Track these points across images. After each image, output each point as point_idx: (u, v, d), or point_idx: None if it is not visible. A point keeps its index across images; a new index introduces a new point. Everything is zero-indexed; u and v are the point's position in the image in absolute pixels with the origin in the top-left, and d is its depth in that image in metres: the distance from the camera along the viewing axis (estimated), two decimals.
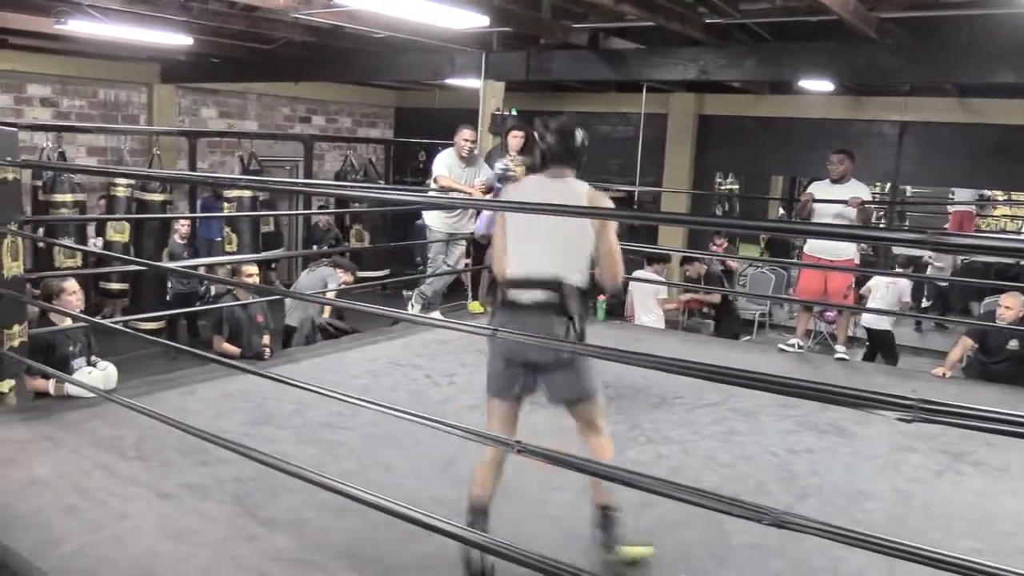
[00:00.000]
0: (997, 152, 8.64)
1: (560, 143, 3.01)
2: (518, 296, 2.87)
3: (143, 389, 4.58)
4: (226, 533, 3.01)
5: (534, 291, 2.84)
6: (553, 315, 2.82)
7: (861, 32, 5.67)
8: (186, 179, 9.09)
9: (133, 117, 10.35)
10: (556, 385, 2.92)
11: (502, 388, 2.95)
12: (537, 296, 2.84)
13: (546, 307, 2.83)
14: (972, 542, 3.27)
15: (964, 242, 2.67)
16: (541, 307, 2.83)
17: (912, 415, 1.83)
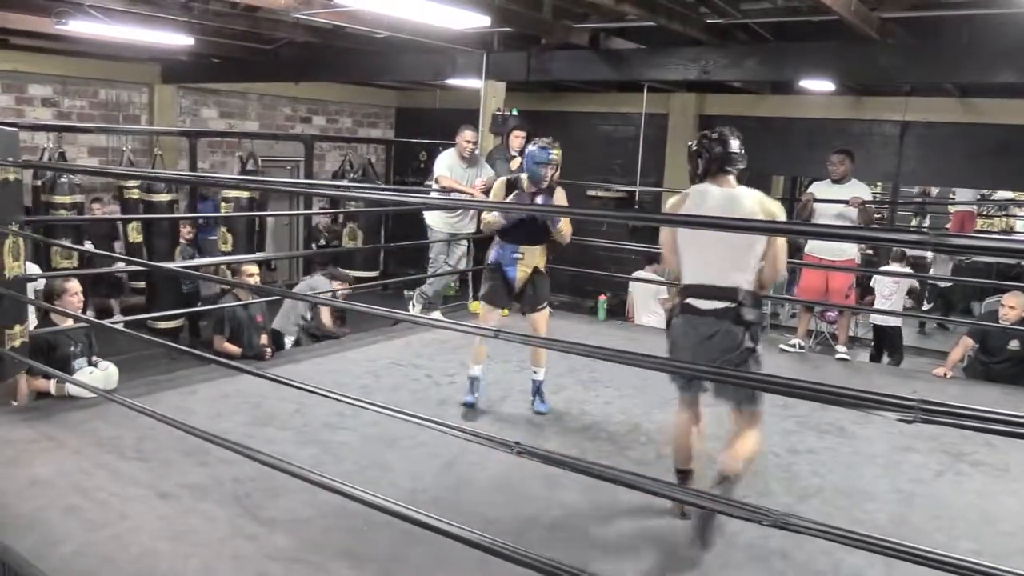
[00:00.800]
0: (998, 152, 8.63)
1: (725, 151, 3.21)
2: (697, 304, 3.07)
3: (144, 389, 4.58)
4: (226, 533, 3.01)
5: (713, 300, 3.05)
6: (730, 322, 3.03)
7: (862, 32, 5.67)
8: (186, 180, 9.09)
9: (134, 117, 10.35)
10: (728, 387, 3.10)
11: (683, 383, 3.26)
12: (716, 304, 3.04)
13: (724, 314, 3.03)
14: (972, 543, 3.27)
15: (964, 242, 2.67)
16: (719, 314, 3.04)
17: (913, 416, 1.83)
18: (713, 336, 3.04)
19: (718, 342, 3.04)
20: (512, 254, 4.51)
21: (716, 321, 3.04)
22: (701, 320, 3.07)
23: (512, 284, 4.54)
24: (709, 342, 3.05)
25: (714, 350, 3.05)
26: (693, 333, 3.09)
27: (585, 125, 11.20)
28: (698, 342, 3.08)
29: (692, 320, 3.09)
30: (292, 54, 8.98)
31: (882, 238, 4.99)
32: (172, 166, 10.11)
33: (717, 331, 3.04)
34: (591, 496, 3.39)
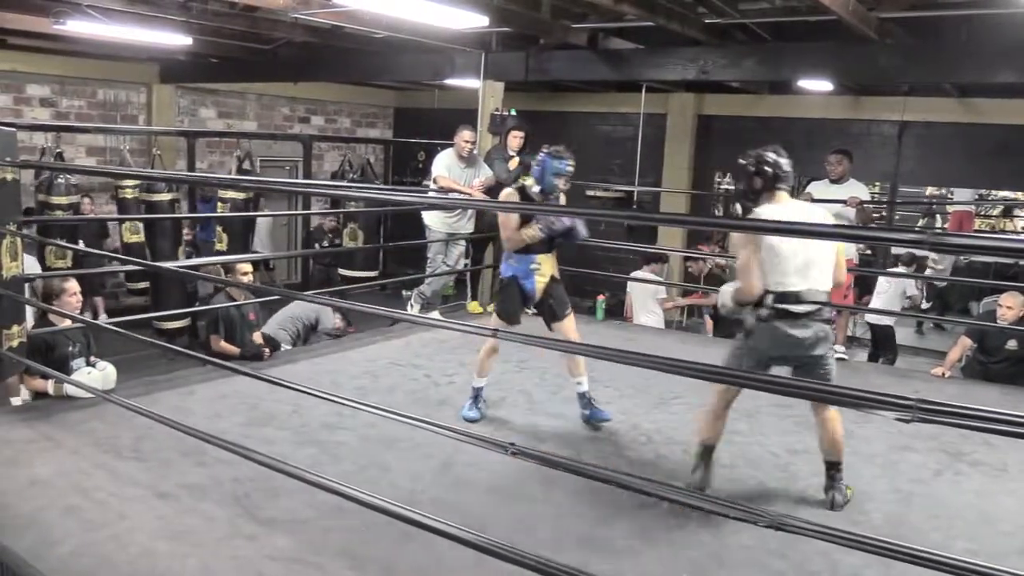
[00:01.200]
0: (997, 152, 8.64)
1: (780, 170, 3.43)
2: (795, 308, 3.33)
3: (142, 389, 4.58)
4: (225, 533, 3.01)
5: (808, 304, 3.34)
6: (820, 322, 3.39)
7: (860, 32, 5.67)
8: (184, 179, 9.08)
9: (132, 117, 10.35)
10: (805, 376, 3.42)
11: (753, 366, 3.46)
12: (811, 308, 3.34)
13: (816, 316, 3.37)
14: (970, 542, 3.27)
15: (961, 242, 2.68)
16: (812, 316, 3.35)
17: (911, 415, 1.83)
18: (807, 338, 3.36)
19: (812, 342, 3.37)
20: (529, 265, 4.42)
21: (809, 322, 3.35)
22: (796, 322, 3.34)
23: (531, 296, 4.46)
24: (803, 343, 3.37)
25: (805, 349, 3.39)
26: (785, 336, 3.35)
27: (584, 125, 11.20)
28: (793, 343, 3.37)
29: (786, 323, 3.35)
30: (290, 54, 8.97)
31: (879, 237, 4.98)
32: (170, 166, 10.10)
33: (812, 332, 3.36)
34: (588, 497, 3.39)
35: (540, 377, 5.21)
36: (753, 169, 3.43)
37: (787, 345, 3.38)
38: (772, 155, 3.42)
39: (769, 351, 3.43)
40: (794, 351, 3.40)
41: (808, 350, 3.39)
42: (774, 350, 3.42)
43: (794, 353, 3.42)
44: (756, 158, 3.44)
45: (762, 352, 3.44)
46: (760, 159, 3.42)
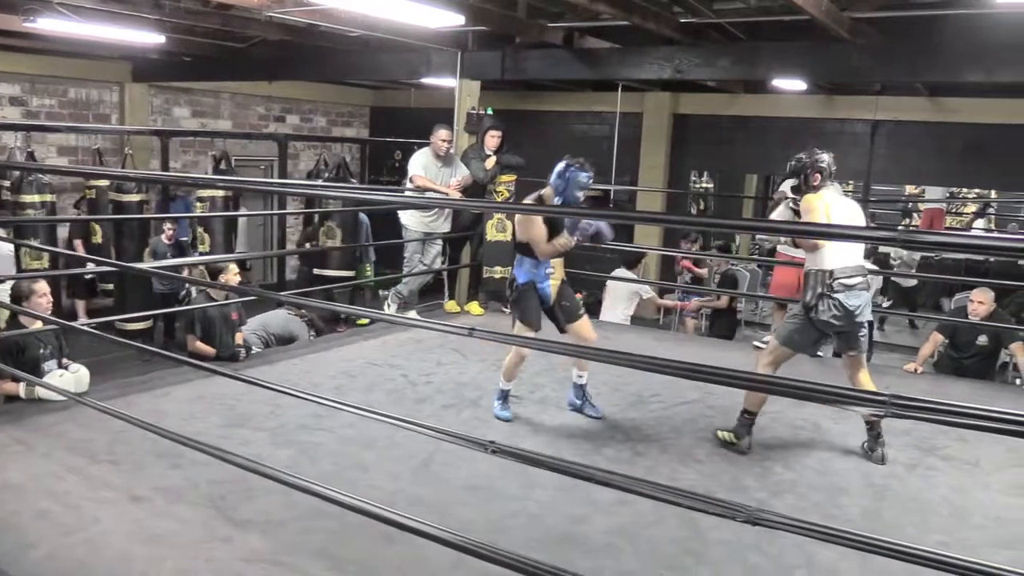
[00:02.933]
0: (967, 150, 8.76)
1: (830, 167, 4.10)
2: (849, 280, 3.89)
3: (115, 392, 4.53)
4: (201, 535, 2.99)
5: (859, 277, 3.93)
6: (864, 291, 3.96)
7: (833, 32, 5.72)
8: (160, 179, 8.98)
9: (104, 116, 10.21)
10: (844, 342, 4.08)
11: (805, 346, 4.15)
12: (861, 279, 3.94)
13: (863, 286, 3.94)
14: (943, 535, 3.32)
15: (932, 239, 2.71)
16: (863, 287, 3.95)
17: (884, 410, 1.85)
18: (860, 306, 3.92)
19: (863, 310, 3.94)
20: (546, 270, 4.44)
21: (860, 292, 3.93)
22: (851, 292, 3.89)
23: (547, 300, 4.48)
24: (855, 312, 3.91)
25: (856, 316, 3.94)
26: (844, 307, 3.89)
27: (560, 124, 11.21)
28: (848, 313, 3.90)
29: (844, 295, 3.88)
30: (265, 53, 8.90)
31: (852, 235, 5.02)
32: (143, 166, 9.98)
33: (862, 300, 3.94)
34: (567, 494, 3.40)
35: (518, 376, 5.20)
36: (812, 166, 4.07)
37: (846, 315, 3.90)
38: (826, 156, 4.08)
39: (832, 322, 3.93)
40: (849, 320, 3.93)
41: (859, 317, 3.94)
42: (837, 321, 3.92)
43: (849, 323, 3.94)
44: (811, 156, 4.08)
45: (824, 324, 3.95)
46: (815, 157, 4.07)
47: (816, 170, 4.06)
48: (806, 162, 4.10)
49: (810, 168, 4.08)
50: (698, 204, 13.23)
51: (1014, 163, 8.51)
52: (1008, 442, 4.05)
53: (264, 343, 6.89)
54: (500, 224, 6.89)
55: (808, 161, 4.09)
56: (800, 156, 4.16)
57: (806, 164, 4.10)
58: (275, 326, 7.11)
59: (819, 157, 4.08)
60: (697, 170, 11.80)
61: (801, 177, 4.13)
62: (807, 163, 4.10)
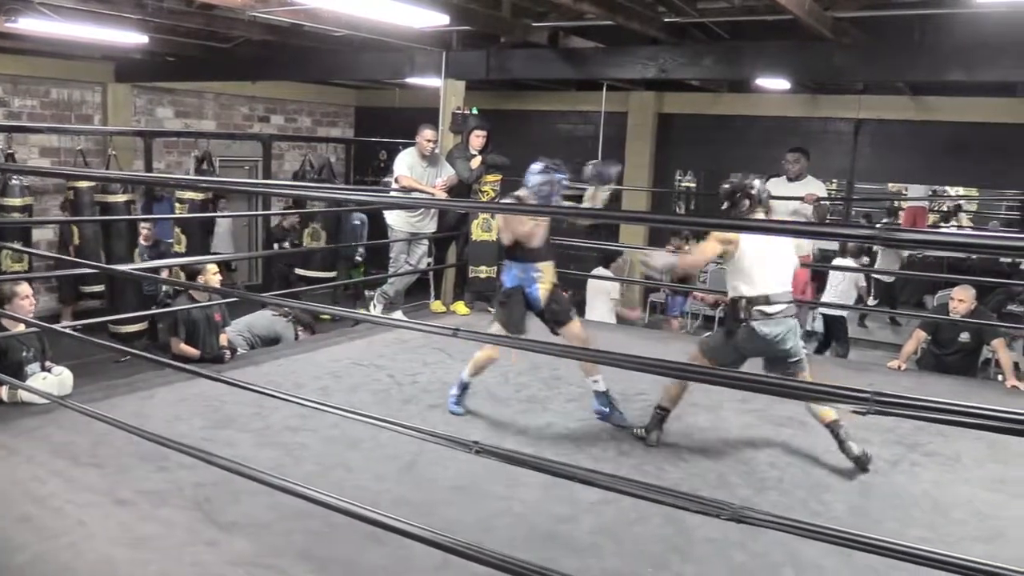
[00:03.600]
0: (949, 149, 8.82)
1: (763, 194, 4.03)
2: (767, 309, 3.85)
3: (99, 394, 4.50)
4: (185, 539, 2.97)
5: (781, 304, 3.86)
6: (789, 318, 3.89)
7: (816, 31, 5.75)
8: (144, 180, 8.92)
9: (87, 117, 10.14)
10: (774, 368, 3.99)
11: (726, 362, 4.01)
12: (781, 307, 3.86)
13: (786, 313, 3.88)
14: (925, 531, 3.35)
15: (913, 237, 2.74)
16: (783, 314, 3.87)
17: (867, 407, 1.86)
18: (779, 334, 3.86)
19: (782, 338, 3.87)
20: (532, 273, 4.42)
21: (781, 320, 3.86)
22: (769, 321, 3.84)
23: (536, 304, 4.45)
24: (775, 340, 3.86)
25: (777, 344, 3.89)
26: (759, 334, 3.85)
27: (545, 123, 11.22)
28: (767, 341, 3.87)
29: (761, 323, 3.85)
30: (249, 53, 8.86)
31: (834, 233, 5.08)
32: (127, 166, 9.92)
33: (782, 329, 3.86)
34: (552, 493, 3.41)
35: (503, 376, 5.21)
36: (738, 193, 4.01)
37: (763, 342, 3.87)
38: (757, 182, 4.02)
39: (747, 348, 3.95)
40: (769, 347, 3.90)
41: (779, 345, 3.87)
42: (751, 347, 3.93)
43: (768, 349, 3.92)
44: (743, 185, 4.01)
45: (741, 349, 3.96)
46: (746, 185, 4.01)
47: (746, 196, 3.99)
48: (735, 186, 4.03)
49: (740, 193, 4.00)
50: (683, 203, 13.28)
51: (995, 161, 8.59)
52: (988, 438, 4.09)
53: (249, 345, 6.86)
54: (486, 224, 6.89)
55: (738, 185, 4.02)
56: (732, 179, 4.09)
57: (735, 188, 4.02)
58: (260, 327, 7.08)
59: (750, 183, 4.01)
60: (681, 169, 11.83)
61: (729, 202, 4.04)
62: (737, 187, 4.02)
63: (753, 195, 3.98)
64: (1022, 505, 3.68)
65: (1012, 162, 8.39)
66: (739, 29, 7.09)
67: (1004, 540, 3.32)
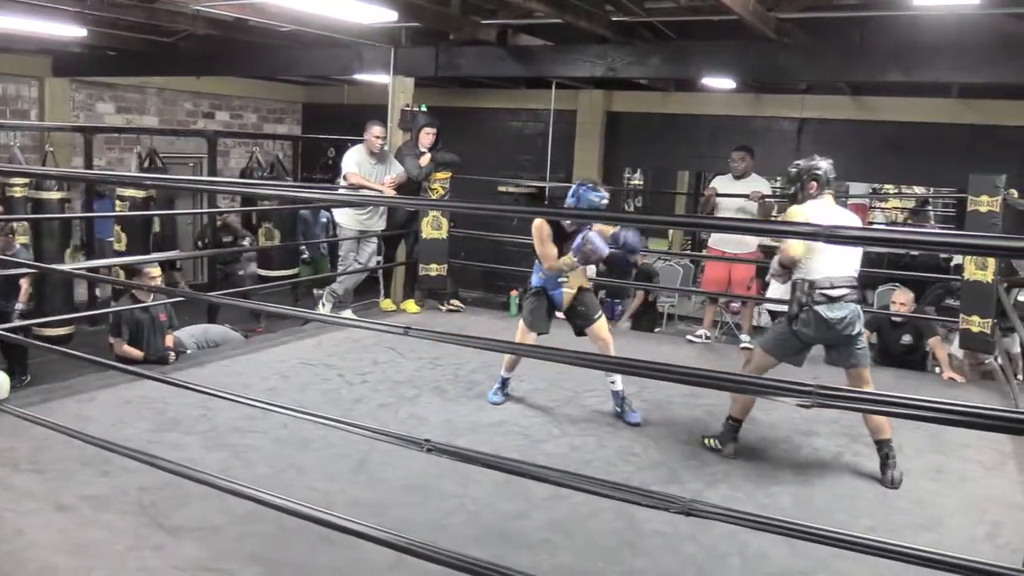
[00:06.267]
0: (888, 147, 9.04)
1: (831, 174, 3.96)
2: (831, 292, 3.78)
3: (38, 398, 4.39)
4: (130, 544, 2.91)
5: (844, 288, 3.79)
6: (852, 303, 3.82)
7: (760, 32, 5.85)
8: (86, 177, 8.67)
9: (23, 112, 9.84)
10: (836, 355, 3.94)
11: (787, 355, 3.99)
12: (844, 291, 3.79)
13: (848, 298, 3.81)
14: (870, 520, 3.44)
15: (854, 234, 2.80)
16: (845, 299, 3.80)
17: (811, 401, 1.90)
18: (843, 318, 3.78)
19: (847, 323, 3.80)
20: (557, 278, 4.48)
21: (844, 304, 3.79)
22: (832, 305, 3.78)
23: (559, 306, 4.54)
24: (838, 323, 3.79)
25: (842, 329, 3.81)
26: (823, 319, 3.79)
27: (495, 121, 11.22)
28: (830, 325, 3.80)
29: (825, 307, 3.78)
30: (193, 47, 8.69)
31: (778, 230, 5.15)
32: (65, 163, 9.64)
33: (846, 313, 3.79)
34: (504, 491, 3.41)
35: (454, 374, 5.21)
36: (807, 174, 3.93)
37: (827, 327, 3.78)
38: (824, 163, 3.93)
39: (812, 334, 3.85)
40: (832, 333, 3.81)
41: (844, 330, 3.79)
42: (816, 332, 3.83)
43: (832, 335, 3.83)
44: (810, 165, 3.93)
45: (805, 335, 3.86)
46: (814, 166, 3.92)
47: (812, 178, 3.91)
48: (803, 168, 3.95)
49: (806, 176, 3.92)
50: (632, 201, 13.41)
51: (931, 159, 8.84)
52: (928, 428, 4.22)
53: (198, 347, 6.75)
54: (436, 222, 6.87)
55: (804, 167, 3.94)
56: (798, 163, 4.01)
57: (802, 171, 3.95)
58: (216, 334, 6.96)
59: (815, 164, 3.93)
60: (630, 167, 11.94)
61: (797, 185, 3.97)
62: (803, 170, 3.95)
63: (820, 176, 3.90)
64: (961, 494, 3.80)
65: (947, 160, 8.64)
66: (686, 29, 7.18)
67: (946, 528, 3.43)
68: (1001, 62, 5.83)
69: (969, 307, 5.50)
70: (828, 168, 3.93)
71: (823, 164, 3.93)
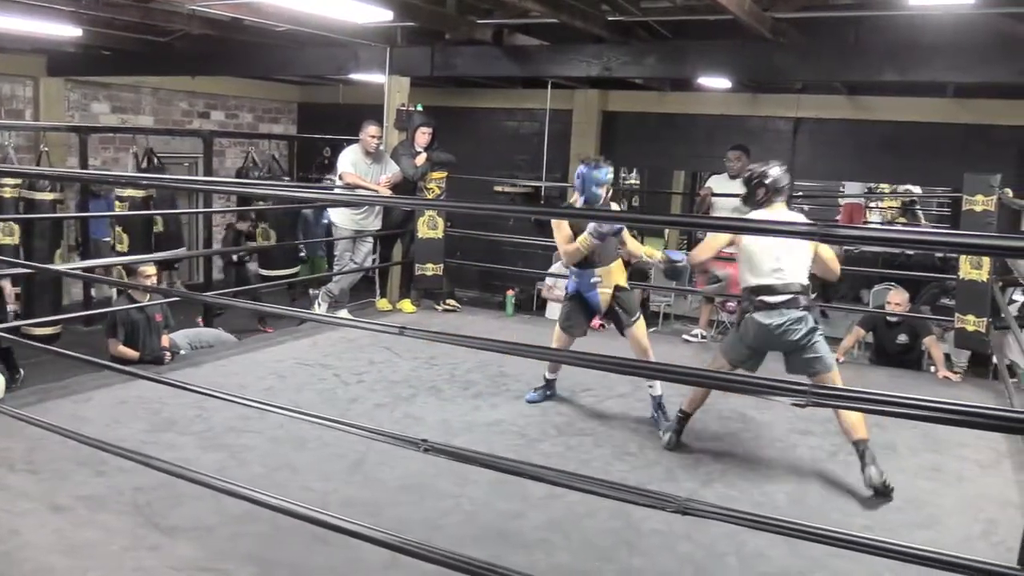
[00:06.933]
0: (883, 147, 9.06)
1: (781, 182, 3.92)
2: (769, 299, 3.76)
3: (33, 398, 4.38)
4: (126, 544, 2.90)
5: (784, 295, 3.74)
6: (794, 309, 3.74)
7: (756, 31, 5.86)
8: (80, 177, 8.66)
9: (18, 112, 9.81)
10: (791, 364, 3.87)
11: (739, 361, 3.93)
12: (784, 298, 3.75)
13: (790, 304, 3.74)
14: (865, 519, 3.44)
15: (850, 233, 2.81)
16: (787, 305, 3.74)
17: (805, 400, 1.91)
18: (780, 324, 3.73)
19: (785, 329, 3.74)
20: (590, 279, 4.41)
21: (784, 311, 3.75)
22: (770, 312, 3.75)
23: (596, 309, 4.48)
24: (776, 330, 3.75)
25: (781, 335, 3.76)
26: (760, 325, 3.77)
27: (490, 121, 11.22)
28: (768, 332, 3.77)
29: (763, 315, 3.76)
30: (188, 47, 8.67)
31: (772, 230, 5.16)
32: (60, 163, 9.62)
33: (785, 319, 3.73)
34: (501, 490, 3.41)
35: (450, 374, 5.20)
36: (756, 181, 3.92)
37: (766, 333, 3.77)
38: (777, 169, 3.91)
39: (752, 342, 3.84)
40: (772, 339, 3.80)
41: (785, 336, 3.75)
42: (756, 340, 3.83)
43: (773, 341, 3.81)
44: (761, 171, 3.92)
45: (748, 342, 3.86)
46: (764, 173, 3.91)
47: (759, 185, 3.91)
48: (754, 174, 3.97)
49: (756, 181, 3.94)
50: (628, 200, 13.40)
51: (926, 159, 8.86)
52: (922, 427, 4.23)
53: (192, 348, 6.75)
54: (431, 221, 6.87)
55: (756, 173, 3.97)
56: (751, 167, 4.07)
57: (752, 177, 3.97)
58: (208, 336, 6.95)
59: (765, 172, 3.92)
60: (626, 167, 11.93)
61: (749, 189, 3.99)
62: (754, 175, 3.97)
63: (767, 184, 3.88)
64: (956, 492, 3.80)
65: (942, 160, 8.65)
66: (682, 29, 7.18)
67: (942, 527, 3.43)
68: (996, 62, 5.84)
69: (964, 306, 5.51)
70: (779, 175, 3.90)
71: (773, 171, 3.91)
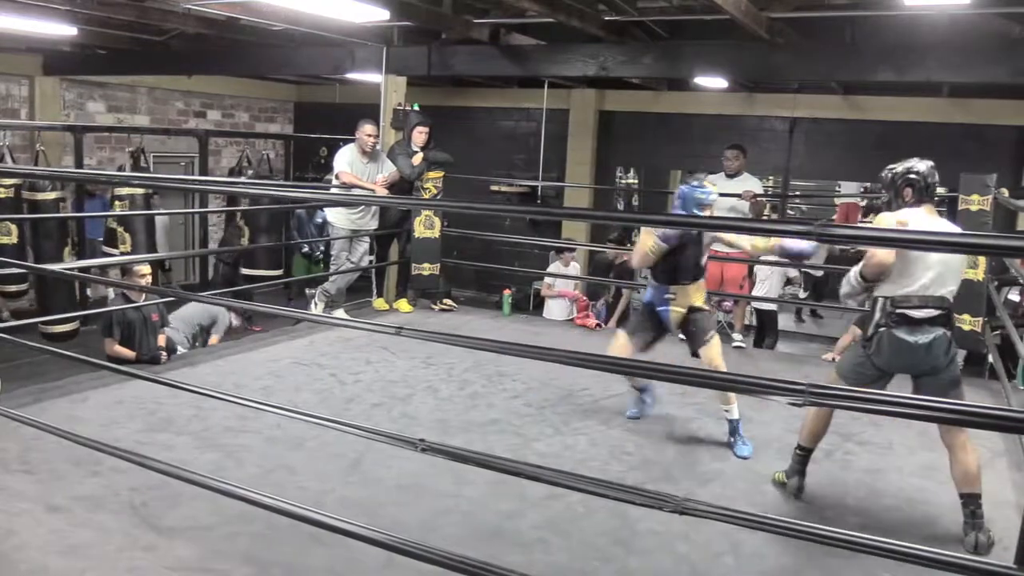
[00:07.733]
0: (879, 146, 9.08)
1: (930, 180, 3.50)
2: (914, 313, 3.26)
3: (29, 398, 4.36)
4: (122, 544, 2.90)
5: (931, 309, 3.26)
6: (940, 327, 3.28)
7: (752, 31, 5.87)
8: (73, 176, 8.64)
9: (13, 111, 9.80)
10: (922, 389, 3.32)
11: (861, 384, 3.31)
12: (931, 313, 3.26)
13: (936, 322, 3.27)
14: (861, 517, 3.45)
15: (845, 232, 2.81)
16: (933, 322, 3.26)
17: (803, 399, 1.91)
18: (925, 343, 3.26)
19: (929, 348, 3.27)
20: (664, 295, 4.31)
21: (929, 328, 3.27)
22: (915, 329, 3.27)
23: (666, 324, 4.33)
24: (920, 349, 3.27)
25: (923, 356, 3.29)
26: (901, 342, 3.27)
27: (487, 120, 11.22)
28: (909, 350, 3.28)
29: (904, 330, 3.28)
30: (184, 46, 8.67)
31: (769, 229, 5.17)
32: (56, 162, 9.61)
33: (931, 338, 3.26)
34: (498, 490, 3.41)
35: (447, 373, 5.20)
36: (901, 180, 3.51)
37: (907, 351, 3.28)
38: (923, 165, 3.50)
39: (888, 360, 3.33)
40: (912, 360, 3.31)
41: (927, 358, 3.28)
42: (892, 359, 3.32)
43: (913, 362, 3.32)
44: (905, 168, 3.52)
45: (881, 360, 3.34)
46: (909, 169, 3.50)
47: (907, 184, 3.48)
48: (897, 173, 3.54)
49: (901, 181, 3.50)
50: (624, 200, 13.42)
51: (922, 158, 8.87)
52: (918, 426, 4.22)
53: (190, 338, 6.75)
54: (428, 221, 6.86)
55: (900, 172, 3.53)
56: (892, 167, 3.60)
57: (897, 176, 3.53)
58: (195, 316, 6.96)
59: (912, 168, 3.51)
60: (623, 166, 11.94)
61: (892, 191, 3.55)
62: (898, 175, 3.53)
63: (915, 182, 3.46)
64: (953, 491, 3.80)
65: (938, 159, 8.64)
66: (678, 29, 7.20)
67: (937, 526, 3.44)
68: (991, 62, 5.86)
69: (960, 305, 5.51)
70: (927, 171, 3.47)
71: (920, 167, 3.48)
